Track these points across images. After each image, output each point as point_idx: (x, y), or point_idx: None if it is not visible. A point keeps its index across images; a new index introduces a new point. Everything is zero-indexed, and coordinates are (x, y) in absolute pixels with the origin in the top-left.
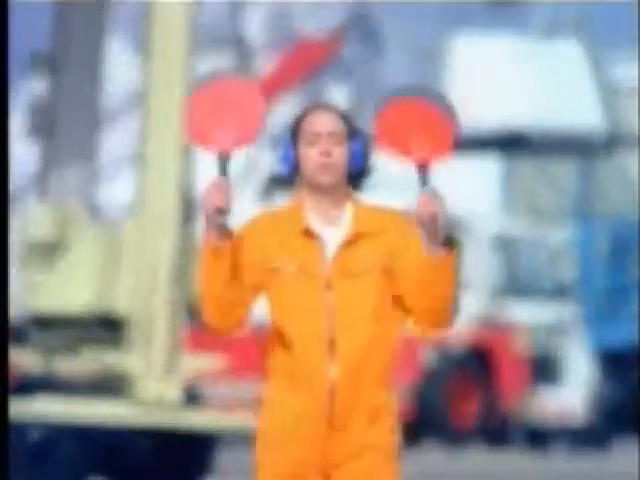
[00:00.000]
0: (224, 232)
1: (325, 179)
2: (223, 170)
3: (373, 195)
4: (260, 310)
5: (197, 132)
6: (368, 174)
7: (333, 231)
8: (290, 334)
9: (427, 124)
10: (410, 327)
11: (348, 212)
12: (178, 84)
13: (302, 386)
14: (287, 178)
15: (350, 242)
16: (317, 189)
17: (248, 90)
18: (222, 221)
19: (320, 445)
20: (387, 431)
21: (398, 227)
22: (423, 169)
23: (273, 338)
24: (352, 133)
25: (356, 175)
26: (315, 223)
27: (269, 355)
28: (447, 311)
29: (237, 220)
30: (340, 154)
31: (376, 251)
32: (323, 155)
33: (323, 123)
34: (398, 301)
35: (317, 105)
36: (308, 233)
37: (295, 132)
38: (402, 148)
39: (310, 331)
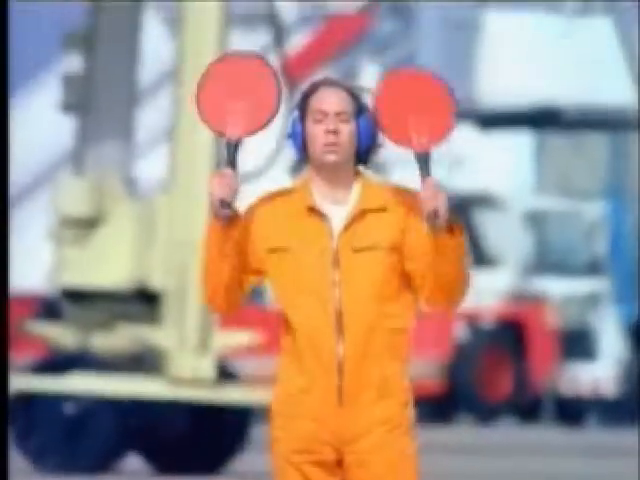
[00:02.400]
0: (229, 220)
1: (331, 158)
2: (231, 157)
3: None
4: None
5: (209, 114)
6: (377, 151)
7: (340, 209)
8: (298, 311)
9: (426, 103)
10: (421, 305)
11: (355, 190)
12: (212, 59)
13: (311, 363)
14: (297, 154)
15: (356, 218)
16: (324, 168)
17: (261, 74)
18: (226, 213)
19: (331, 421)
20: (398, 405)
21: (405, 204)
22: (423, 157)
23: (283, 317)
24: (360, 109)
25: (364, 152)
26: (321, 201)
27: (281, 334)
28: (454, 289)
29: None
30: (347, 133)
31: (382, 227)
32: (329, 134)
33: (331, 101)
34: (407, 278)
35: (325, 81)
36: (314, 211)
37: (303, 108)
38: (401, 134)
39: (318, 308)
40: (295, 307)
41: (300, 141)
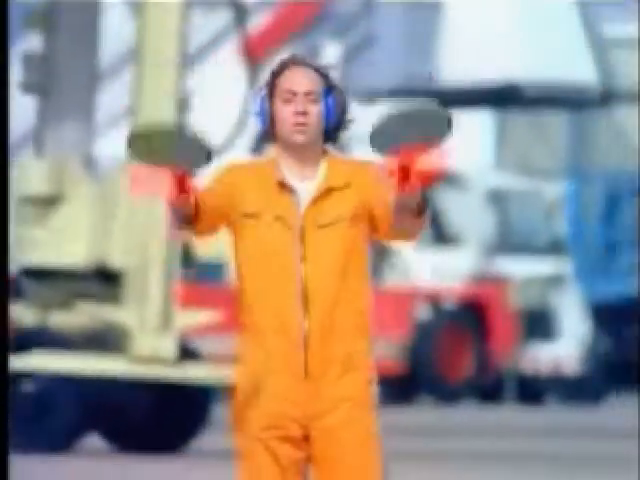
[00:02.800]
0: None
1: (299, 138)
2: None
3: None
4: None
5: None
6: (344, 129)
7: (307, 185)
8: (261, 285)
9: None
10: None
11: (322, 167)
12: (172, 40)
13: (276, 339)
14: (263, 133)
15: (322, 195)
16: (291, 147)
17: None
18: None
19: (297, 397)
20: (363, 382)
21: (369, 177)
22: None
23: (242, 292)
24: (329, 88)
25: (332, 130)
26: (290, 178)
27: (240, 308)
28: (414, 232)
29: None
30: (316, 113)
31: (345, 202)
32: (299, 115)
33: (300, 81)
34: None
35: (294, 60)
36: (283, 186)
37: (271, 86)
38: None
39: (282, 282)
40: (259, 281)
41: (267, 119)
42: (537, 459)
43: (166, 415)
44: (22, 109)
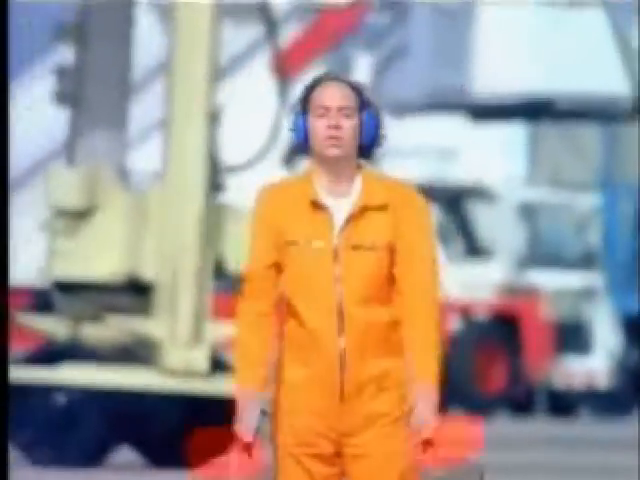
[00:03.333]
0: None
1: (332, 152)
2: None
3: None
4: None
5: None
6: (379, 145)
7: (342, 203)
8: (300, 306)
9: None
10: None
11: (357, 184)
12: (203, 52)
13: (313, 358)
14: (299, 148)
15: (357, 215)
16: (326, 162)
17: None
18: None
19: (332, 416)
20: (397, 399)
21: (405, 201)
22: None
23: (286, 311)
24: (363, 104)
25: (367, 146)
26: (324, 195)
27: (283, 328)
28: None
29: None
30: (349, 127)
31: (381, 226)
32: (331, 128)
33: (333, 96)
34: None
35: (328, 76)
36: (317, 205)
37: (305, 102)
38: None
39: (319, 303)
40: (298, 302)
41: (303, 135)
42: (569, 471)
43: (195, 428)
44: (55, 120)
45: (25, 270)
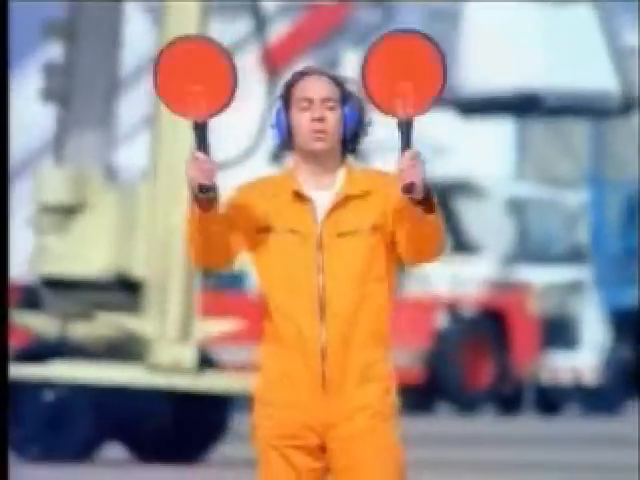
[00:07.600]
0: (209, 202)
1: (318, 145)
2: (201, 140)
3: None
4: None
5: (169, 98)
6: (362, 138)
7: (325, 194)
8: (280, 296)
9: (414, 68)
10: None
11: (340, 176)
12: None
13: (294, 349)
14: (282, 144)
15: (340, 204)
16: (310, 155)
17: (214, 57)
18: (205, 196)
19: (315, 407)
20: (381, 391)
21: (386, 186)
22: (406, 126)
23: (265, 302)
24: (345, 97)
25: (350, 140)
26: (307, 188)
27: (263, 319)
28: (428, 251)
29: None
30: (333, 119)
31: (365, 211)
32: (316, 121)
33: (315, 89)
34: (388, 260)
35: (308, 70)
36: (299, 196)
37: (287, 97)
38: (387, 101)
39: (300, 292)
40: (278, 292)
41: (285, 131)
42: (556, 468)
43: (185, 424)
44: (42, 118)
45: (14, 267)
